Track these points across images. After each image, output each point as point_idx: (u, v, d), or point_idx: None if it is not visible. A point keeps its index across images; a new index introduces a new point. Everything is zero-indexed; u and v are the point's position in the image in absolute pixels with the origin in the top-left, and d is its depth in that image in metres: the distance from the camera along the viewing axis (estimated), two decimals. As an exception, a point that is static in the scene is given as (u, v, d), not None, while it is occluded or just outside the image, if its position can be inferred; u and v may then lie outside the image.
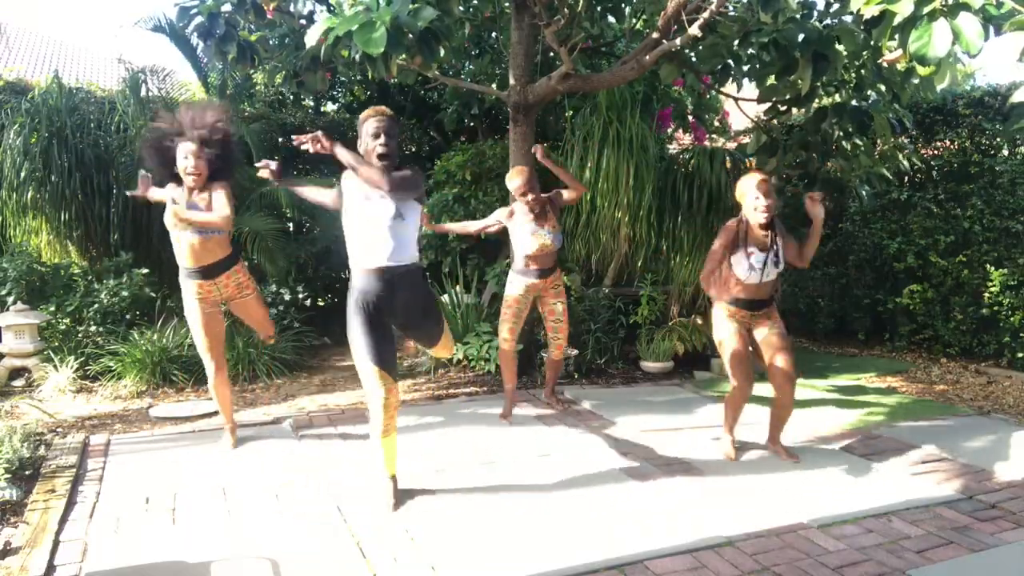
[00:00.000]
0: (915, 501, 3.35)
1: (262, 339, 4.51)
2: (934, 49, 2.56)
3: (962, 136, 6.63)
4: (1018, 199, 6.09)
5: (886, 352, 6.87)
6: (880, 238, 6.87)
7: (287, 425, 4.30)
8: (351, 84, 8.47)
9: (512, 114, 5.31)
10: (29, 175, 5.80)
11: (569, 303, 6.01)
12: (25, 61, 14.46)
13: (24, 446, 3.63)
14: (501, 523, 3.03)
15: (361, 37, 3.50)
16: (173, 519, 3.04)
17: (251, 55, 4.93)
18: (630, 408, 4.79)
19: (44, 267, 5.70)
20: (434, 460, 3.75)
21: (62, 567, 2.63)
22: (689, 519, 3.11)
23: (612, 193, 5.83)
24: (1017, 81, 6.28)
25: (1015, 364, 6.01)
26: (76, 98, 6.22)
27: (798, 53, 4.14)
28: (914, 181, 7.01)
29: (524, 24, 5.19)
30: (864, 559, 2.80)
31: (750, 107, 5.51)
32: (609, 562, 2.71)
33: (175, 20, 4.67)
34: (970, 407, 5.07)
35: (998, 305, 6.04)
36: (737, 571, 2.69)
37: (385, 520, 3.04)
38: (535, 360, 5.56)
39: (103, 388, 5.05)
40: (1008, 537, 3.01)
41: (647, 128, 5.97)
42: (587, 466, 3.70)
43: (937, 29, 2.56)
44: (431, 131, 8.29)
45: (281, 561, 2.68)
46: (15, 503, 3.14)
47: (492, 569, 2.66)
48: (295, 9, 5.08)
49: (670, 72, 5.08)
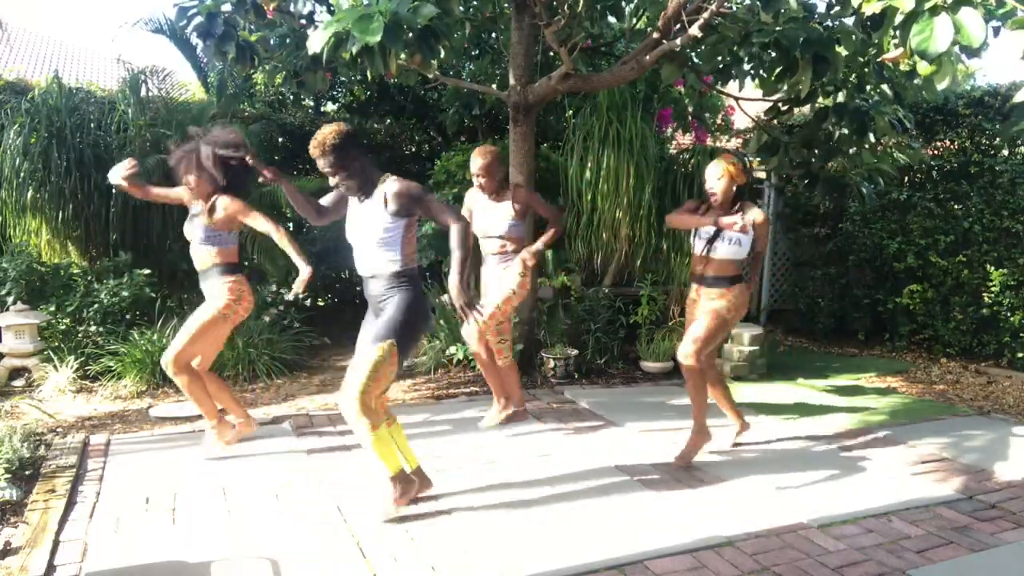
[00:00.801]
0: (915, 501, 3.35)
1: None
2: (936, 43, 2.55)
3: (962, 136, 6.63)
4: (1018, 199, 6.09)
5: (886, 352, 6.87)
6: (880, 238, 6.87)
7: (287, 425, 4.30)
8: (351, 84, 8.47)
9: (512, 114, 5.31)
10: (29, 175, 5.80)
11: (569, 303, 6.03)
12: (25, 61, 14.47)
13: (24, 446, 3.63)
14: (501, 523, 3.03)
15: (359, 28, 3.51)
16: (173, 519, 3.04)
17: (251, 55, 4.93)
18: (630, 408, 4.79)
19: (44, 267, 5.69)
20: (434, 460, 3.75)
21: (62, 567, 2.63)
22: (689, 519, 3.11)
23: (612, 193, 5.84)
24: (1018, 81, 6.28)
25: (1015, 364, 6.01)
26: (76, 98, 6.21)
27: (798, 54, 4.14)
28: (914, 181, 7.02)
29: (524, 24, 5.19)
30: (864, 559, 2.80)
31: (751, 107, 5.51)
32: (609, 562, 2.71)
33: (174, 20, 4.67)
34: (970, 407, 5.07)
35: (998, 305, 6.04)
36: (737, 571, 2.69)
37: (385, 520, 3.04)
38: (535, 360, 5.56)
39: (103, 388, 5.05)
40: (1008, 537, 3.01)
41: (647, 128, 5.97)
42: (587, 466, 3.70)
43: (938, 24, 2.56)
44: (431, 131, 8.29)
45: (281, 561, 2.68)
46: (15, 503, 3.13)
47: (492, 569, 2.66)
48: (295, 9, 5.08)
49: (671, 72, 5.08)
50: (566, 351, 5.52)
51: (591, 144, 5.95)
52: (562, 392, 5.16)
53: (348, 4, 3.90)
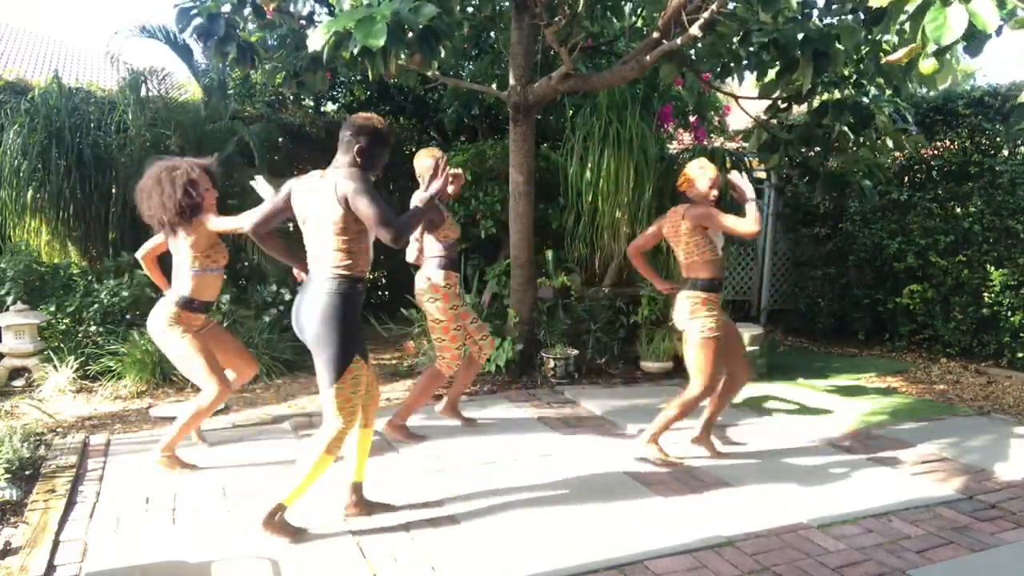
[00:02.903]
0: (915, 501, 3.35)
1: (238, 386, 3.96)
2: (950, 31, 2.54)
3: (962, 136, 6.63)
4: (1018, 199, 6.08)
5: (886, 352, 6.87)
6: (880, 238, 6.86)
7: (287, 425, 4.30)
8: (351, 84, 8.47)
9: (512, 114, 5.31)
10: (29, 175, 5.80)
11: (569, 303, 6.03)
12: (25, 61, 14.47)
13: (24, 446, 3.63)
14: (501, 523, 3.03)
15: (361, 31, 3.50)
16: (173, 519, 3.04)
17: (251, 55, 4.93)
18: (630, 408, 4.79)
19: (44, 267, 5.69)
20: (434, 460, 3.76)
21: (62, 567, 2.63)
22: (689, 519, 3.11)
23: (612, 193, 5.83)
24: (1018, 81, 6.28)
25: (1015, 364, 6.01)
26: (76, 98, 6.21)
27: (798, 52, 4.14)
28: (914, 181, 7.02)
29: (524, 24, 5.19)
30: (864, 559, 2.80)
31: (751, 105, 5.51)
32: (609, 562, 2.71)
33: (175, 21, 4.65)
34: (970, 407, 5.07)
35: (998, 305, 6.04)
36: (737, 571, 2.69)
37: (385, 520, 3.04)
38: (535, 360, 5.56)
39: (103, 388, 5.05)
40: (1008, 537, 3.01)
41: (647, 128, 5.97)
42: (587, 466, 3.70)
43: (952, 11, 2.56)
44: (431, 131, 8.29)
45: (281, 561, 2.68)
46: (15, 503, 3.13)
47: (492, 569, 2.66)
48: (295, 9, 5.08)
49: (670, 71, 5.08)
50: (566, 351, 5.52)
51: (591, 144, 5.95)
52: (562, 392, 5.16)
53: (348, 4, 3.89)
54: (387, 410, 4.66)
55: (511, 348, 5.36)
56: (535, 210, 5.64)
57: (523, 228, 5.47)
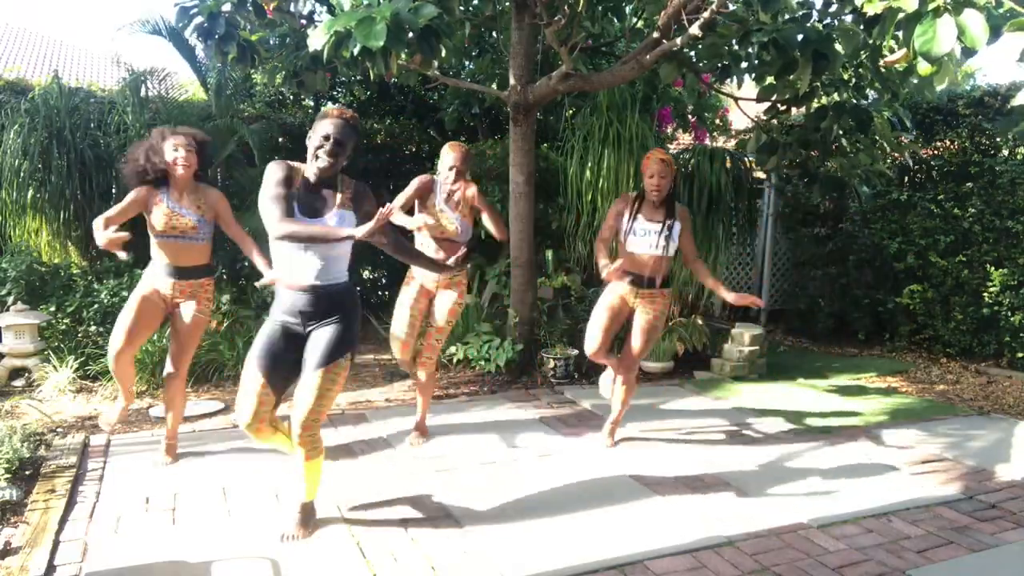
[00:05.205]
0: (915, 501, 3.36)
1: None
2: (939, 45, 2.55)
3: (962, 136, 6.63)
4: (1018, 199, 6.09)
5: (886, 352, 6.87)
6: (880, 238, 6.87)
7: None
8: (351, 84, 8.47)
9: (512, 114, 5.31)
10: (29, 175, 5.80)
11: (569, 303, 6.02)
12: (25, 61, 14.46)
13: (24, 446, 3.63)
14: (501, 523, 3.03)
15: (361, 32, 3.50)
16: (173, 519, 3.04)
17: (251, 55, 4.93)
18: (630, 408, 4.78)
19: (44, 267, 5.69)
20: (434, 460, 3.76)
21: (62, 567, 2.63)
22: (689, 519, 3.11)
23: (612, 193, 5.83)
24: (1018, 81, 6.28)
25: (1015, 364, 6.02)
26: (76, 98, 6.20)
27: (798, 53, 4.14)
28: (914, 181, 7.02)
29: (524, 24, 5.19)
30: (864, 559, 2.80)
31: (750, 106, 5.51)
32: (609, 562, 2.71)
33: (175, 21, 4.66)
34: (970, 407, 5.07)
35: (998, 305, 6.04)
36: (737, 571, 2.69)
37: (385, 520, 3.04)
38: (535, 360, 5.56)
39: (103, 388, 5.05)
40: (1008, 537, 3.02)
41: (647, 128, 5.97)
42: (587, 467, 3.70)
43: (942, 25, 2.56)
44: (431, 131, 8.29)
45: (281, 561, 2.68)
46: (15, 503, 3.13)
47: (492, 569, 2.66)
48: (295, 9, 5.08)
49: (670, 72, 5.07)
50: (566, 351, 5.52)
51: (591, 144, 5.95)
52: (562, 392, 5.16)
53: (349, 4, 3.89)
54: (387, 410, 4.67)
55: (511, 348, 5.36)
56: (535, 210, 5.64)
57: (523, 228, 5.47)
